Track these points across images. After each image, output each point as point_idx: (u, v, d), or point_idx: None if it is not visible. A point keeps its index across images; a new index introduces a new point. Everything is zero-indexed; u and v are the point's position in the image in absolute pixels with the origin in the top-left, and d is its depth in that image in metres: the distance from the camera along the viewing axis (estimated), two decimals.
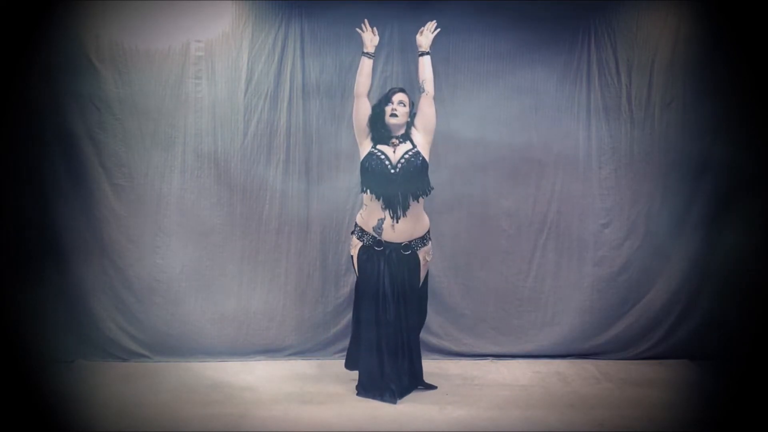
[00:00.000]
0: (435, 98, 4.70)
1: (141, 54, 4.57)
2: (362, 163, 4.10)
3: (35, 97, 4.47)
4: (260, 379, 4.42)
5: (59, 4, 4.44)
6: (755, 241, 4.68)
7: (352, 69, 4.70)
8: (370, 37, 4.13)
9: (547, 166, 4.84)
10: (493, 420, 3.87)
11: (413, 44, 4.68)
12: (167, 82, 4.61)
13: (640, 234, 4.87)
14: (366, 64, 4.11)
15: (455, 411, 3.97)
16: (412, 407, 4.01)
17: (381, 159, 4.03)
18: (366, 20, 4.14)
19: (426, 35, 4.15)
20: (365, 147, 4.12)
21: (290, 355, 4.78)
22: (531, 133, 4.81)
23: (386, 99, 4.11)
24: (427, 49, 4.14)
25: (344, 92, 4.72)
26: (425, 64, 4.14)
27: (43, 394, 4.05)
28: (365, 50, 4.11)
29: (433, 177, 4.21)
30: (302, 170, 4.76)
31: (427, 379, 4.27)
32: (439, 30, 4.15)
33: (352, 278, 4.41)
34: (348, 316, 4.73)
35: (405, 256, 4.09)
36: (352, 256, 4.20)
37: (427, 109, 4.14)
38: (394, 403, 4.02)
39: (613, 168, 4.86)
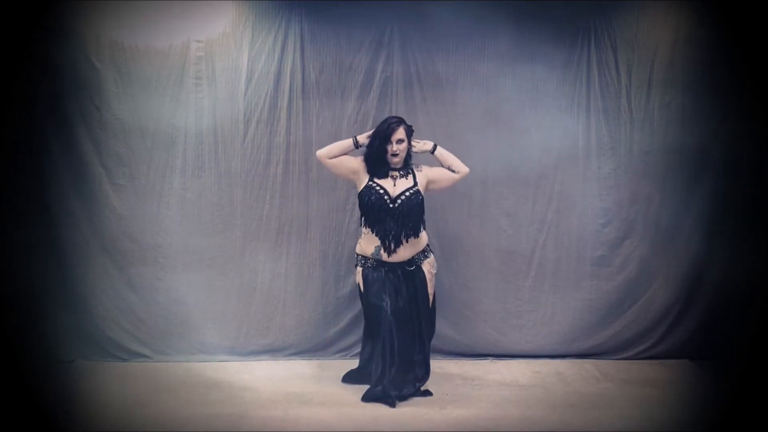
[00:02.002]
0: (434, 99, 4.72)
1: (141, 54, 4.57)
2: (360, 195, 4.09)
3: (35, 96, 4.47)
4: (260, 379, 4.43)
5: (59, 4, 4.43)
6: (754, 240, 4.69)
7: (352, 69, 4.71)
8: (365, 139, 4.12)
9: (547, 166, 4.84)
10: (493, 420, 3.88)
11: (413, 44, 4.72)
12: (167, 82, 4.60)
13: (639, 233, 4.87)
14: (347, 146, 4.10)
15: (455, 411, 3.97)
16: (412, 407, 4.01)
17: (380, 194, 4.03)
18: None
19: (420, 146, 4.17)
20: (362, 179, 4.10)
21: (290, 355, 4.79)
22: (531, 133, 4.81)
23: (385, 138, 4.03)
24: (431, 146, 4.16)
25: (344, 92, 4.72)
26: (442, 155, 4.17)
27: (43, 394, 4.05)
28: (359, 140, 4.10)
29: None
30: (302, 170, 4.76)
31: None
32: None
33: (352, 278, 4.43)
34: (348, 316, 4.77)
35: (410, 271, 4.11)
36: (358, 284, 4.19)
37: (448, 177, 4.17)
38: (393, 406, 4.01)
39: (612, 168, 4.86)
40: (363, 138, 4.12)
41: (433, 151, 4.17)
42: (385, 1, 4.65)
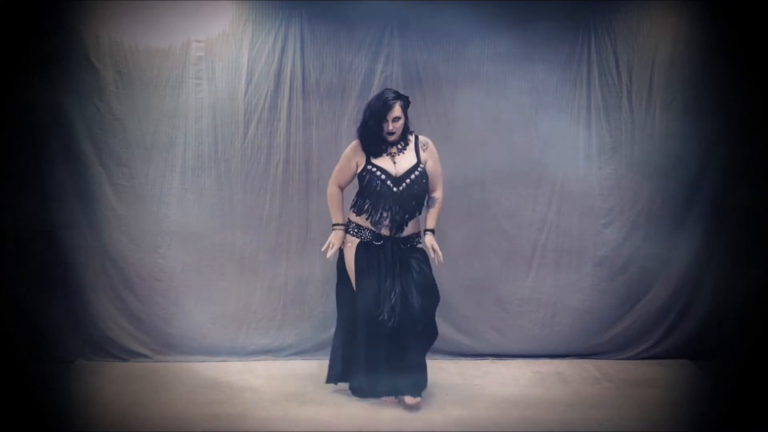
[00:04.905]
0: (434, 99, 4.71)
1: (141, 54, 4.57)
2: (359, 177, 3.96)
3: (35, 97, 4.46)
4: (260, 379, 4.43)
5: (59, 4, 4.43)
6: (755, 240, 4.68)
7: (352, 69, 4.72)
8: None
9: (547, 166, 4.84)
10: (493, 420, 3.87)
11: (413, 44, 4.73)
12: (167, 82, 4.60)
13: (641, 234, 4.87)
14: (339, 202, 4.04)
15: (455, 411, 3.97)
16: None
17: (382, 179, 3.88)
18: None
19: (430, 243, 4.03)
20: (360, 162, 3.96)
21: (290, 355, 4.79)
22: (531, 133, 4.81)
23: (380, 116, 3.84)
24: (434, 231, 4.05)
25: (344, 92, 4.72)
26: (437, 215, 4.08)
27: (43, 394, 4.06)
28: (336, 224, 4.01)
29: None
30: (302, 170, 4.76)
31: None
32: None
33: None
34: None
35: (404, 250, 3.96)
36: (342, 253, 4.04)
37: (438, 176, 4.04)
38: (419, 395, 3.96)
39: (613, 168, 4.86)
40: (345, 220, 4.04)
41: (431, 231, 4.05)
42: (385, 1, 4.65)
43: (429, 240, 4.03)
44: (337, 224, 4.03)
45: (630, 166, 4.86)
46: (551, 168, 4.84)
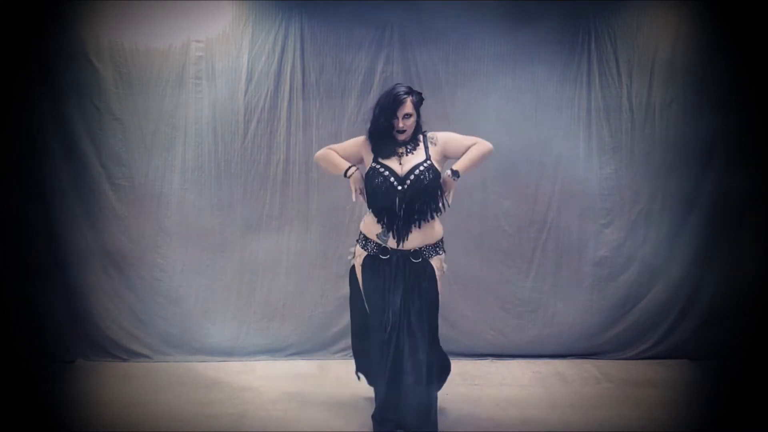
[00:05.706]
0: (434, 99, 4.70)
1: (141, 54, 4.57)
2: (366, 174, 3.65)
3: (35, 97, 4.47)
4: (260, 379, 4.43)
5: (59, 4, 4.43)
6: (755, 241, 4.69)
7: (352, 69, 4.72)
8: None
9: (547, 166, 4.84)
10: (493, 420, 3.88)
11: (413, 44, 4.73)
12: (167, 82, 4.60)
13: (641, 234, 4.87)
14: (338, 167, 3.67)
15: (455, 411, 3.97)
16: None
17: (386, 176, 3.53)
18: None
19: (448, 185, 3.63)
20: (367, 160, 3.64)
21: (290, 355, 4.79)
22: (531, 133, 4.81)
23: (391, 111, 3.51)
24: (458, 173, 3.63)
25: (344, 92, 4.72)
26: (466, 168, 3.66)
27: (43, 394, 4.06)
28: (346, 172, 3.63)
29: None
30: (302, 170, 4.76)
31: None
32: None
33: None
34: (348, 316, 4.73)
35: (415, 264, 3.60)
36: (353, 266, 3.79)
37: (463, 147, 3.67)
38: None
39: (613, 168, 4.86)
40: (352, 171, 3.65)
41: (456, 174, 3.63)
42: (385, 1, 4.65)
43: (447, 179, 3.62)
44: (347, 169, 3.63)
45: (630, 166, 4.86)
46: (551, 168, 4.84)
